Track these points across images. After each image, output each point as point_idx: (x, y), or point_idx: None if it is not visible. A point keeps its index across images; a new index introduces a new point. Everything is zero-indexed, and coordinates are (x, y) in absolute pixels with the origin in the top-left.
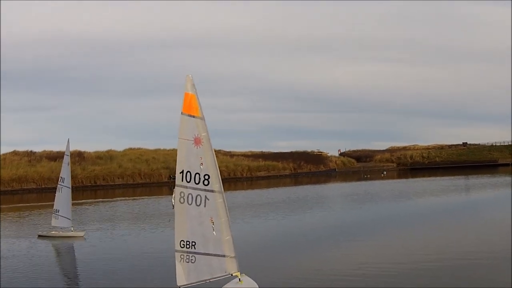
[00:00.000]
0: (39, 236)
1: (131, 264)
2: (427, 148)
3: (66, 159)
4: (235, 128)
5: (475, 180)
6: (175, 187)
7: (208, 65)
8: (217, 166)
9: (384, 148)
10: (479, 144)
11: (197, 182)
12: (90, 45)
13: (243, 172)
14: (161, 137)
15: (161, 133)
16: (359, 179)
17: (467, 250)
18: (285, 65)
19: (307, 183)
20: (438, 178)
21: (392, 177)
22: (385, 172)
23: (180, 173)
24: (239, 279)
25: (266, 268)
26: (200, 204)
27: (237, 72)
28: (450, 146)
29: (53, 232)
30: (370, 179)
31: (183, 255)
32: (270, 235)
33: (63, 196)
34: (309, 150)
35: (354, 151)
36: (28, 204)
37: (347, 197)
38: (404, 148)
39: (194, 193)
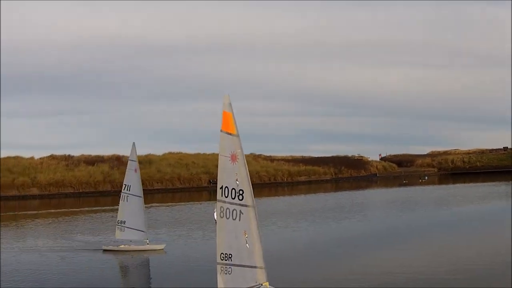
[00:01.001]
0: (105, 250)
1: None
2: (468, 153)
3: (132, 165)
4: (276, 132)
5: None
6: (217, 202)
7: (249, 69)
8: (250, 181)
9: (425, 153)
10: None
11: (233, 197)
12: (128, 49)
13: (284, 177)
14: (201, 141)
15: (201, 137)
16: (400, 185)
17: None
18: (327, 69)
19: (347, 189)
20: (479, 184)
21: (433, 182)
22: (426, 177)
23: (220, 188)
24: None
25: (299, 277)
26: (235, 218)
27: (278, 76)
28: (491, 151)
29: (122, 246)
30: (409, 184)
31: (223, 267)
32: (303, 244)
33: (129, 206)
34: (349, 154)
35: (395, 155)
36: (67, 210)
37: (386, 205)
38: (445, 153)
39: (231, 207)
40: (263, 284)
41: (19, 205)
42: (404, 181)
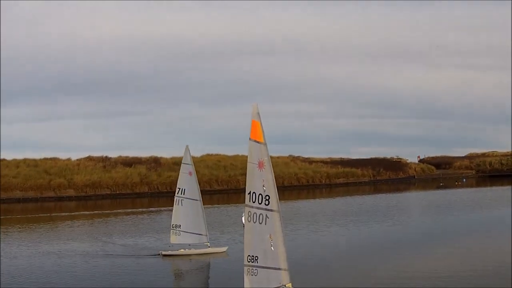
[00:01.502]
0: (164, 255)
1: None
2: (506, 155)
3: (185, 168)
4: (315, 135)
5: None
6: (245, 207)
7: (290, 71)
8: (276, 187)
9: (463, 155)
10: None
11: (260, 202)
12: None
13: (322, 179)
14: (240, 143)
15: (240, 139)
16: (438, 187)
17: None
18: (367, 71)
19: (385, 191)
20: None
21: (471, 185)
22: (464, 180)
23: (248, 194)
24: None
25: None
26: (262, 222)
27: (318, 78)
28: None
29: (182, 250)
30: (445, 187)
31: (249, 268)
32: (325, 249)
33: (184, 210)
34: (388, 156)
35: (433, 157)
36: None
37: (423, 208)
38: (483, 155)
39: (258, 212)
40: (286, 285)
41: (55, 207)
42: (441, 184)
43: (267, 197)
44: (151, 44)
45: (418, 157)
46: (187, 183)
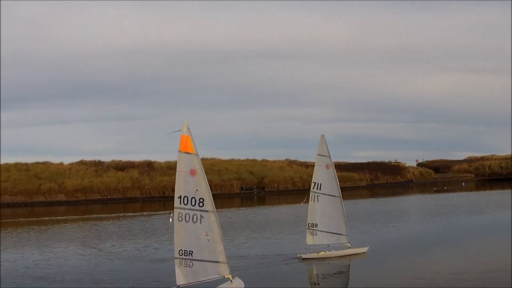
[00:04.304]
0: (303, 259)
1: None
2: (506, 158)
3: (322, 161)
4: (315, 139)
5: None
6: (174, 208)
7: (290, 76)
8: (210, 191)
9: (462, 158)
10: None
11: (193, 204)
12: (164, 57)
13: None
14: (237, 147)
15: (237, 144)
16: (437, 191)
17: None
18: (365, 75)
19: (383, 196)
20: None
21: (470, 189)
22: (463, 184)
23: (178, 197)
24: (231, 280)
25: None
26: (196, 221)
27: (318, 83)
28: None
29: (322, 252)
30: (438, 191)
31: (182, 261)
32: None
33: (320, 206)
34: (386, 160)
35: (432, 161)
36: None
37: (416, 214)
38: (482, 158)
39: (191, 213)
40: (225, 276)
41: (45, 211)
42: (434, 188)
43: (201, 200)
44: (149, 49)
45: (417, 161)
46: (323, 177)
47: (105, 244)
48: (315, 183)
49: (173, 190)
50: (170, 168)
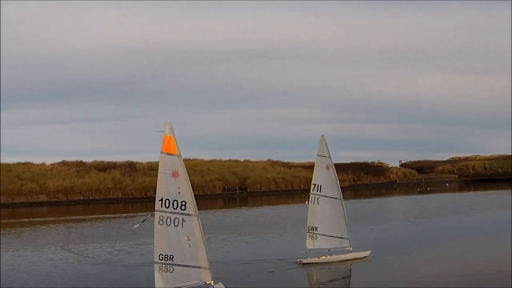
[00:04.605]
0: (304, 264)
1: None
2: (489, 159)
3: (322, 161)
4: (300, 139)
5: None
6: (155, 211)
7: (276, 77)
8: (193, 193)
9: (446, 159)
10: None
11: (175, 207)
12: (145, 57)
13: (301, 184)
14: (220, 148)
15: (221, 144)
16: (420, 192)
17: None
18: (349, 75)
19: (366, 196)
20: (503, 191)
21: (454, 190)
22: (447, 184)
23: (160, 200)
24: (213, 286)
25: None
26: (178, 225)
27: (304, 84)
28: None
29: (323, 257)
30: (421, 192)
31: (162, 266)
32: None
33: (320, 209)
34: (369, 161)
35: (415, 162)
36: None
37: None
38: (466, 159)
39: (173, 216)
40: (207, 282)
41: (26, 212)
42: (417, 189)
43: (183, 203)
44: (137, 49)
45: (400, 161)
46: (324, 178)
47: (82, 247)
48: (315, 184)
49: (155, 191)
50: (152, 168)
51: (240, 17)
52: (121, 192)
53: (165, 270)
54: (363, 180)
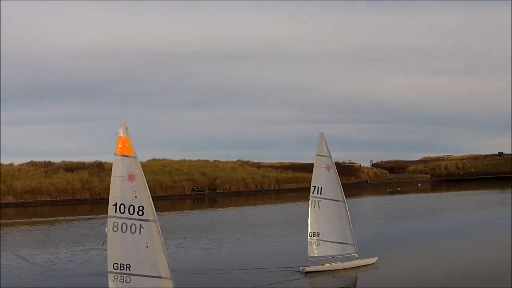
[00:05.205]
0: (307, 272)
1: None
2: (462, 159)
3: (321, 161)
4: (271, 140)
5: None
6: (108, 217)
7: (249, 77)
8: (151, 198)
9: (417, 159)
10: None
11: (131, 212)
12: (122, 57)
13: (271, 184)
14: (191, 148)
15: (191, 144)
16: (391, 192)
17: None
18: (320, 75)
19: None
20: (476, 192)
21: (426, 190)
22: (419, 184)
23: (113, 205)
24: None
25: None
26: (135, 232)
27: (279, 84)
28: (485, 157)
29: (327, 264)
30: (392, 193)
31: (117, 276)
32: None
33: (322, 213)
34: (340, 161)
35: (386, 162)
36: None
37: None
38: (438, 159)
39: (129, 222)
40: None
41: None
42: (388, 190)
43: (140, 208)
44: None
45: (371, 161)
46: (324, 179)
47: (35, 253)
48: (315, 186)
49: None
50: None
51: (213, 18)
52: (89, 192)
53: (121, 280)
54: None
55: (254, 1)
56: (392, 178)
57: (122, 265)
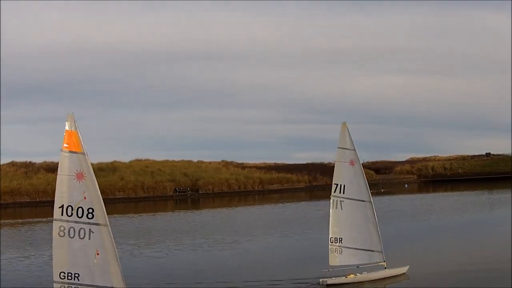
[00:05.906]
0: (328, 285)
1: None
2: (449, 159)
3: (344, 155)
4: (256, 140)
5: (500, 195)
6: (54, 221)
7: (231, 77)
8: (102, 199)
9: (404, 160)
10: (502, 155)
11: (80, 215)
12: (104, 57)
13: (255, 185)
14: (172, 148)
15: (172, 145)
16: (378, 193)
17: None
18: (305, 76)
19: (321, 198)
20: (463, 193)
21: (413, 191)
22: (406, 185)
23: (60, 207)
24: None
25: None
26: (84, 237)
27: (259, 84)
28: (472, 157)
29: (351, 275)
30: (377, 193)
31: (64, 286)
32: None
33: (345, 215)
34: (325, 161)
35: (372, 162)
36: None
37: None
38: (425, 159)
39: (77, 226)
40: None
41: None
42: (371, 191)
43: (90, 210)
44: (85, 49)
45: None
46: (348, 176)
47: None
48: (337, 184)
49: (103, 193)
50: (101, 169)
51: (186, 17)
52: None
53: None
54: (319, 181)
55: (223, 1)
56: (378, 178)
57: (69, 274)
